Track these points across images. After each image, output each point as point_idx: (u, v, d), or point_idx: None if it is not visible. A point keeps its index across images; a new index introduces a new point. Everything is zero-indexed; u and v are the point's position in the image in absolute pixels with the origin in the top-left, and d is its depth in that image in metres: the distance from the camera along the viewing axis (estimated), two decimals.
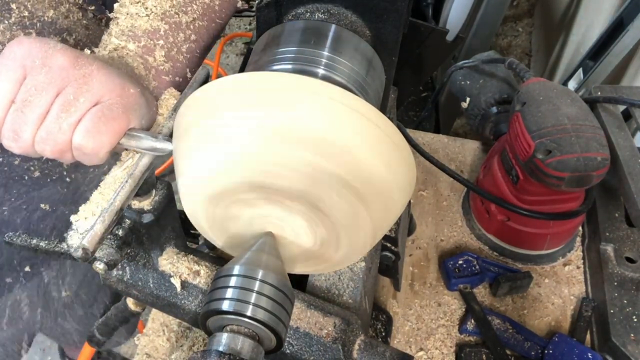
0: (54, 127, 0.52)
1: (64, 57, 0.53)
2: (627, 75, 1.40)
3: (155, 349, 0.88)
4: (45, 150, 0.54)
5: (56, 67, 0.52)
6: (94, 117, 0.53)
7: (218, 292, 0.51)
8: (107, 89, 0.54)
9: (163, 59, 0.66)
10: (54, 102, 0.52)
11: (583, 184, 0.81)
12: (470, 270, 0.95)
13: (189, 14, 0.69)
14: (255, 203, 0.53)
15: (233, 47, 2.90)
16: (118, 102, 0.54)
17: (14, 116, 0.52)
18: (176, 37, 0.67)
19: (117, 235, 0.57)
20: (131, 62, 0.63)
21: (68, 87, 0.53)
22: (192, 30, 0.69)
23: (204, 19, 0.71)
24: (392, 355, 0.58)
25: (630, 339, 0.83)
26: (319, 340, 0.58)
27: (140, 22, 0.65)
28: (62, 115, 0.52)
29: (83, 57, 0.54)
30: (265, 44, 0.61)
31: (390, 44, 0.64)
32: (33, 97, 0.52)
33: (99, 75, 0.54)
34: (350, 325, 0.59)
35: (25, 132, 0.53)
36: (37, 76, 0.52)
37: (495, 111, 1.05)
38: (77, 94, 0.53)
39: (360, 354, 0.59)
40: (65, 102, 0.52)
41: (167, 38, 0.66)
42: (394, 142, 0.49)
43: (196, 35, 0.70)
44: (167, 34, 0.66)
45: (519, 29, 2.61)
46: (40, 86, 0.52)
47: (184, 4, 0.68)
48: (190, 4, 0.69)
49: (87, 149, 0.53)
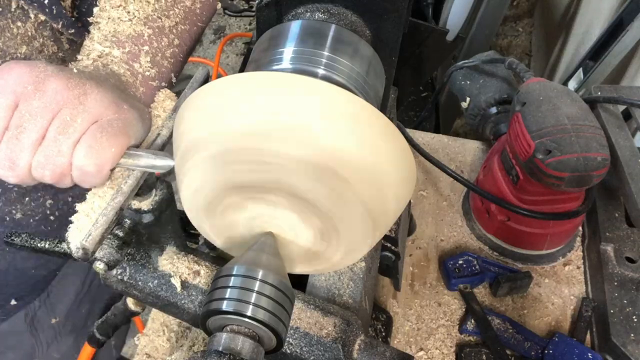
0: (53, 150, 0.51)
1: (57, 80, 0.52)
2: (627, 75, 1.40)
3: (155, 349, 0.88)
4: (44, 175, 0.52)
5: (50, 91, 0.51)
6: (95, 133, 0.51)
7: (218, 292, 0.51)
8: (104, 107, 0.53)
9: (149, 65, 0.64)
10: (50, 125, 0.51)
11: (583, 184, 0.81)
12: (470, 270, 0.95)
13: (171, 17, 0.68)
14: (243, 204, 0.53)
15: (233, 47, 2.90)
16: (117, 119, 0.53)
17: (9, 144, 0.50)
18: (160, 41, 0.66)
19: (117, 235, 0.57)
20: (117, 69, 0.62)
21: (63, 109, 0.51)
22: (175, 34, 0.68)
23: (186, 23, 0.70)
24: (392, 355, 0.58)
25: (630, 339, 0.83)
26: (319, 340, 0.58)
27: (123, 26, 0.64)
28: (59, 138, 0.51)
29: (75, 77, 0.53)
30: (265, 44, 0.61)
31: (390, 44, 0.64)
32: (28, 123, 0.50)
33: (94, 93, 0.53)
34: (350, 325, 0.59)
35: (21, 159, 0.51)
36: (31, 102, 0.50)
37: (495, 111, 1.05)
38: (73, 114, 0.51)
39: (360, 353, 0.59)
40: (63, 124, 0.51)
41: (152, 43, 0.65)
42: (388, 136, 0.49)
43: (179, 40, 0.69)
44: (151, 38, 0.65)
45: (519, 29, 2.61)
46: (35, 111, 0.50)
47: (165, 8, 0.68)
48: (172, 8, 0.68)
49: (90, 166, 0.51)
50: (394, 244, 0.76)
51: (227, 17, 2.97)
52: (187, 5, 0.70)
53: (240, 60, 2.80)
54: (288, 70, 0.56)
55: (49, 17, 0.68)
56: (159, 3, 0.67)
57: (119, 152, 0.53)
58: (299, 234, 0.55)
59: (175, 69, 0.69)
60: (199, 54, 2.88)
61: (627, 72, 1.40)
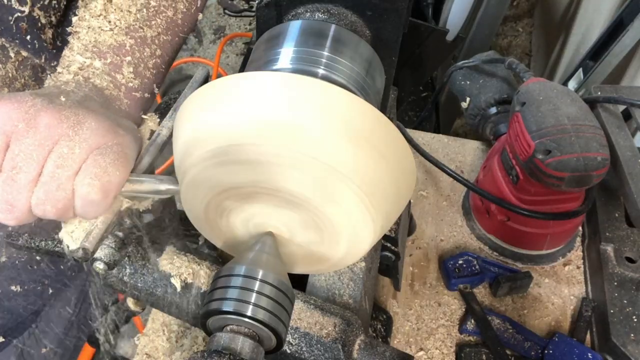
0: (52, 185, 0.49)
1: (49, 114, 0.49)
2: (627, 75, 1.40)
3: (155, 349, 0.88)
4: (46, 211, 0.50)
5: (42, 126, 0.49)
6: (97, 160, 0.50)
7: (218, 292, 0.51)
8: (101, 135, 0.51)
9: (132, 76, 0.63)
10: (47, 161, 0.49)
11: (583, 184, 0.81)
12: (470, 270, 0.95)
13: (153, 28, 0.66)
14: (241, 205, 0.53)
15: (233, 47, 2.90)
16: (115, 144, 0.52)
17: (4, 186, 0.48)
18: (142, 52, 0.65)
19: (117, 235, 0.57)
20: (99, 82, 0.60)
21: (59, 142, 0.49)
22: (157, 44, 0.67)
23: (168, 33, 0.69)
24: (392, 355, 0.58)
25: (630, 339, 0.83)
26: (319, 340, 0.58)
27: (104, 36, 0.62)
28: (58, 172, 0.49)
29: (66, 108, 0.51)
30: (265, 44, 0.61)
31: (390, 44, 0.64)
32: (23, 163, 0.48)
33: (89, 122, 0.51)
34: (351, 325, 0.59)
35: (19, 200, 0.49)
36: (24, 140, 0.48)
37: (495, 111, 1.05)
38: (71, 146, 0.49)
39: (360, 353, 0.59)
40: (60, 158, 0.49)
41: (134, 53, 0.64)
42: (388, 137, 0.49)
43: (161, 50, 0.67)
44: (133, 49, 0.64)
45: (519, 29, 2.61)
46: (29, 150, 0.48)
47: (147, 18, 0.66)
48: (154, 18, 0.67)
49: (95, 194, 0.49)
50: (394, 244, 0.76)
51: (227, 17, 2.97)
52: (169, 16, 0.69)
53: (240, 60, 2.80)
54: (288, 70, 0.56)
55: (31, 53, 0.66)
56: (141, 13, 0.65)
57: (124, 177, 0.51)
58: (298, 233, 0.55)
59: (157, 80, 0.68)
60: (199, 54, 2.88)
61: (627, 72, 1.40)
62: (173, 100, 0.69)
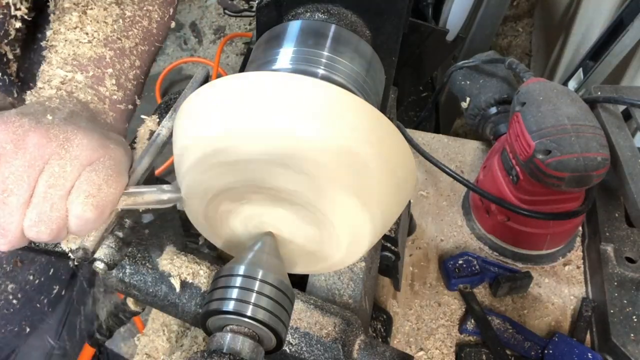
0: (45, 206, 0.48)
1: (37, 133, 0.48)
2: (627, 75, 1.40)
3: (155, 349, 0.88)
4: (40, 232, 0.48)
5: (31, 146, 0.47)
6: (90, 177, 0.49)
7: (218, 292, 0.51)
8: (92, 150, 0.50)
9: (114, 88, 0.62)
10: (38, 181, 0.48)
11: (583, 184, 0.81)
12: (470, 270, 0.95)
13: (130, 38, 0.65)
14: (238, 206, 0.54)
15: (233, 47, 2.90)
16: (108, 158, 0.51)
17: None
18: (122, 63, 0.64)
19: (117, 235, 0.57)
20: (83, 96, 0.58)
21: (50, 161, 0.48)
22: (135, 55, 0.66)
23: (145, 43, 0.68)
24: (392, 355, 0.58)
25: (630, 339, 0.83)
26: (319, 340, 0.58)
27: (83, 49, 0.61)
28: (50, 192, 0.48)
29: (54, 125, 0.50)
30: (265, 44, 0.61)
31: (390, 44, 0.64)
32: (14, 185, 0.47)
33: (78, 138, 0.50)
34: (350, 325, 0.59)
35: (12, 224, 0.48)
36: (13, 162, 0.47)
37: (495, 111, 1.05)
38: (62, 165, 0.48)
39: (360, 353, 0.59)
40: (52, 177, 0.48)
41: (115, 65, 0.63)
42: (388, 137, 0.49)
43: (140, 61, 0.67)
44: (113, 60, 0.62)
45: (519, 29, 2.61)
46: (19, 172, 0.47)
47: (124, 29, 0.65)
48: (131, 28, 0.66)
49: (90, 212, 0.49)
50: (394, 244, 0.76)
51: (227, 17, 2.98)
52: (145, 26, 0.68)
53: (240, 60, 2.80)
54: (288, 70, 0.56)
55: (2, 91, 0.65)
56: (117, 24, 0.65)
57: (119, 192, 0.51)
58: (298, 233, 0.55)
59: (137, 91, 0.67)
60: (199, 54, 2.88)
61: (627, 72, 1.40)
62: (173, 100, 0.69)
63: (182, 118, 0.51)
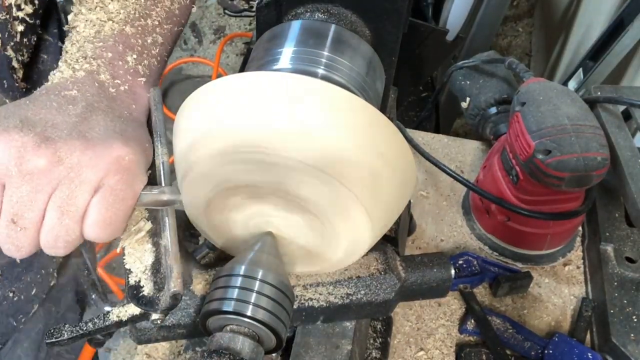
0: (60, 230, 0.48)
1: (42, 157, 0.46)
2: (627, 75, 1.40)
3: (155, 349, 0.88)
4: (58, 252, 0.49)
5: (37, 172, 0.46)
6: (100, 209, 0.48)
7: (218, 291, 0.51)
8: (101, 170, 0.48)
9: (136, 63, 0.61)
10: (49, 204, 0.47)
11: (583, 184, 0.81)
12: (470, 270, 0.95)
13: (153, 17, 0.65)
14: (243, 204, 0.53)
15: (233, 47, 2.90)
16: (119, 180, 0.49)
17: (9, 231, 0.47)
18: (145, 39, 0.63)
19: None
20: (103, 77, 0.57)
21: (59, 188, 0.47)
22: (158, 33, 0.66)
23: (168, 22, 0.68)
24: (429, 260, 0.65)
25: (630, 339, 0.83)
26: (373, 277, 0.62)
27: (105, 27, 0.61)
28: (63, 218, 0.47)
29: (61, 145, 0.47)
30: (265, 44, 0.61)
31: (390, 44, 0.64)
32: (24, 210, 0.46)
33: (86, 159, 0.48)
34: (387, 252, 0.64)
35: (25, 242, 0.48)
36: (20, 187, 0.46)
37: (495, 111, 1.05)
38: (71, 189, 0.47)
39: (406, 270, 0.64)
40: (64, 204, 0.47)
41: (137, 40, 0.62)
42: (388, 137, 0.49)
43: (163, 39, 0.66)
44: (135, 37, 0.62)
45: (519, 29, 2.61)
46: (28, 197, 0.46)
47: (146, 7, 0.65)
48: (153, 8, 0.66)
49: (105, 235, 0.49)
50: (394, 244, 0.76)
51: (227, 17, 2.97)
52: (167, 5, 0.68)
53: (240, 60, 2.80)
54: (288, 70, 0.56)
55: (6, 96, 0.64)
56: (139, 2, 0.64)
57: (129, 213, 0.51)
58: (298, 233, 0.55)
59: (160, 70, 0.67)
60: (199, 54, 2.88)
61: (627, 72, 1.40)
62: None
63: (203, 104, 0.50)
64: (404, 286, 0.63)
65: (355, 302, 0.61)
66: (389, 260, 0.63)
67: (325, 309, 0.60)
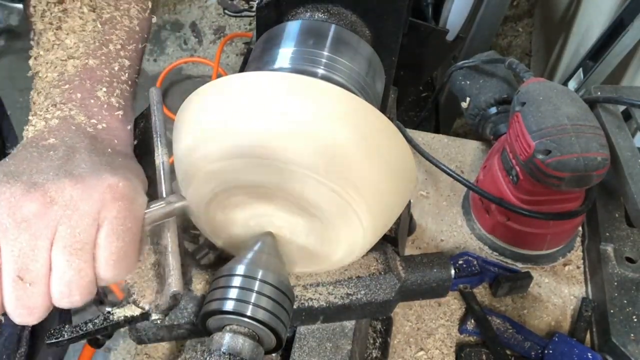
0: (72, 274, 0.45)
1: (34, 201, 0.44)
2: (627, 75, 1.40)
3: (155, 349, 0.88)
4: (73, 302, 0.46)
5: (32, 217, 0.44)
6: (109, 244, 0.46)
7: (218, 291, 0.51)
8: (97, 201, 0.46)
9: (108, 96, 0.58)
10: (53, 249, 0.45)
11: (583, 184, 0.81)
12: (470, 270, 0.95)
13: (114, 41, 0.62)
14: (245, 204, 0.53)
15: (233, 47, 2.90)
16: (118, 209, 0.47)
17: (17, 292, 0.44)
18: (111, 68, 0.60)
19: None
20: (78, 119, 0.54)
21: (59, 230, 0.45)
22: (123, 57, 0.62)
23: (131, 42, 0.65)
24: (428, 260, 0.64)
25: (630, 339, 0.83)
26: (373, 277, 0.61)
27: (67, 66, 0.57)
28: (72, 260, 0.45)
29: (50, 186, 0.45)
30: (265, 44, 0.61)
31: (390, 44, 0.64)
32: (28, 262, 0.44)
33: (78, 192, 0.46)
34: (387, 252, 0.63)
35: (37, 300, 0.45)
36: (18, 238, 0.43)
37: (495, 111, 1.05)
38: (73, 227, 0.45)
39: (405, 270, 0.63)
40: (67, 245, 0.45)
41: (103, 71, 0.59)
42: (388, 137, 0.49)
43: (130, 61, 0.63)
44: (101, 68, 0.59)
45: (519, 29, 2.61)
46: (28, 246, 0.43)
47: (105, 32, 0.62)
48: (113, 31, 0.62)
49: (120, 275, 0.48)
50: (394, 244, 0.76)
51: (227, 17, 2.98)
52: (126, 25, 0.64)
53: (240, 60, 2.80)
54: (288, 70, 0.56)
55: None
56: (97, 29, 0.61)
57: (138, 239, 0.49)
58: (299, 233, 0.55)
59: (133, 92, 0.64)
60: (199, 54, 2.88)
61: (627, 72, 1.40)
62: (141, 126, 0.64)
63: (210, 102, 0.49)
64: (404, 286, 0.62)
65: (355, 302, 0.60)
66: (389, 260, 0.63)
67: (325, 309, 0.60)
